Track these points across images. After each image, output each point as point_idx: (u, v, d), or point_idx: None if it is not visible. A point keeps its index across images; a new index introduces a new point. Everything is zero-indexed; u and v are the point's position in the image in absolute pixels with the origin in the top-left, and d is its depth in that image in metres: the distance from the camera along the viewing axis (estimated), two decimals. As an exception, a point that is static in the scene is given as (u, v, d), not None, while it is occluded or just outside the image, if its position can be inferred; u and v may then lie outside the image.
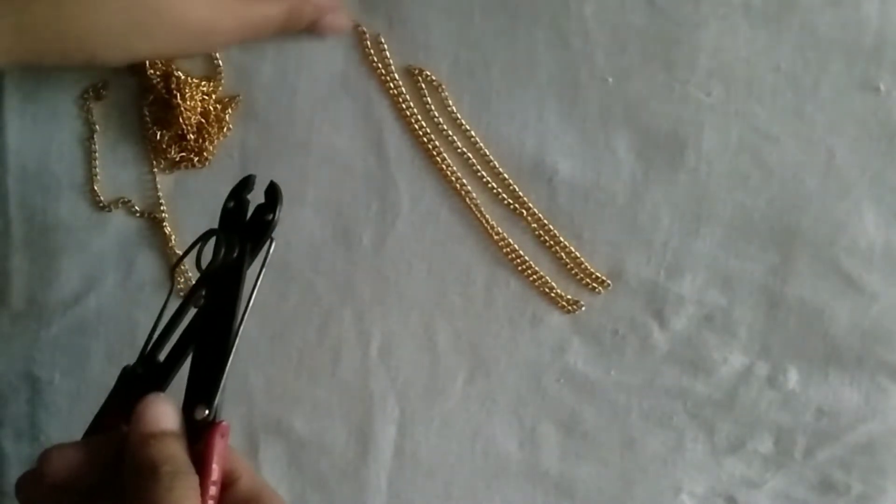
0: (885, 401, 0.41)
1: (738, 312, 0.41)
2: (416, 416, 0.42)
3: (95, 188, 0.41)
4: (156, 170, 0.41)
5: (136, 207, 0.41)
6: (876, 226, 0.40)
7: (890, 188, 0.40)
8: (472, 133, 0.41)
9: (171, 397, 0.30)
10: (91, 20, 0.32)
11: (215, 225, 0.33)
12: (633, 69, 0.40)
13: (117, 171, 0.41)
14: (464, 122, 0.41)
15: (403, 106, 0.41)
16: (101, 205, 0.41)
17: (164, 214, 0.41)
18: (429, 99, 0.41)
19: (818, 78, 0.39)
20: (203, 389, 0.30)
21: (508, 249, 0.41)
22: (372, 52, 0.40)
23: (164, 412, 0.29)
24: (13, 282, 0.41)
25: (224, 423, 0.29)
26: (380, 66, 0.40)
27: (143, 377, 0.32)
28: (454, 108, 0.41)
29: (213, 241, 0.32)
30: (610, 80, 0.40)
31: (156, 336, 0.33)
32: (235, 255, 0.32)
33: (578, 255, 0.41)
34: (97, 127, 0.41)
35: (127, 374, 0.33)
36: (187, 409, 0.29)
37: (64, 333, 0.41)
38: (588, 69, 0.40)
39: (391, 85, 0.40)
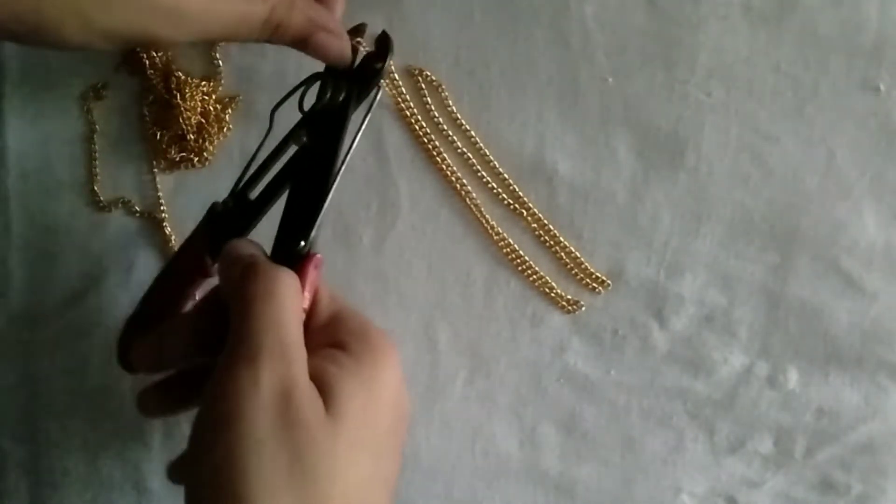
0: (885, 401, 0.41)
1: (738, 312, 0.41)
2: (415, 415, 0.42)
3: (95, 188, 0.41)
4: (156, 170, 0.41)
5: (136, 207, 0.41)
6: (876, 226, 0.40)
7: (890, 188, 0.40)
8: (472, 133, 0.41)
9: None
10: None
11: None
12: (634, 69, 0.40)
13: (117, 172, 0.41)
14: (464, 121, 0.41)
15: (403, 106, 0.41)
16: (101, 205, 0.41)
17: (164, 214, 0.41)
18: (428, 99, 0.41)
19: (818, 78, 0.39)
20: (299, 224, 0.30)
21: (508, 249, 0.41)
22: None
23: (251, 247, 0.31)
24: (13, 281, 0.41)
25: (318, 255, 0.30)
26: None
27: (232, 213, 0.32)
28: (454, 107, 0.41)
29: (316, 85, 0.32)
30: (610, 80, 0.40)
31: (249, 174, 0.33)
32: (342, 98, 0.32)
33: (578, 255, 0.41)
34: (97, 127, 0.41)
35: (216, 210, 0.33)
36: (282, 242, 0.30)
37: (63, 333, 0.41)
38: (588, 69, 0.40)
39: (391, 85, 0.40)
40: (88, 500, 0.42)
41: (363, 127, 0.32)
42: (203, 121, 0.40)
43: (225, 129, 0.41)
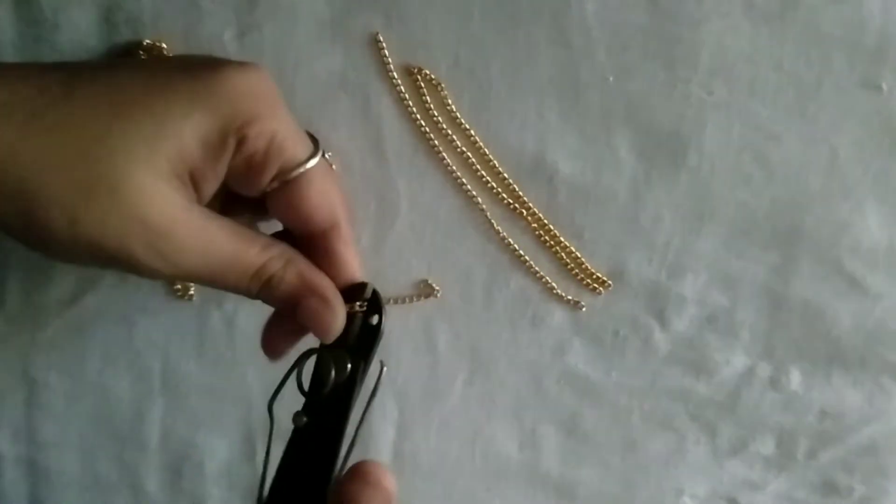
0: (888, 402, 0.41)
1: (740, 313, 0.41)
2: (415, 417, 0.42)
3: (92, 188, 0.40)
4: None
5: (134, 207, 0.41)
6: (879, 226, 0.40)
7: (894, 187, 0.40)
8: (472, 132, 0.40)
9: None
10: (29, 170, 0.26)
11: None
12: (635, 68, 0.39)
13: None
14: (463, 121, 0.40)
15: (402, 105, 0.40)
16: (98, 204, 0.41)
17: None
18: (428, 98, 0.40)
19: (821, 76, 0.39)
20: None
21: (508, 249, 0.41)
22: (370, 51, 0.40)
23: None
24: (9, 282, 0.41)
25: None
26: (378, 65, 0.40)
27: None
28: (454, 107, 0.40)
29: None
30: (611, 78, 0.40)
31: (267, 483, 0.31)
32: (346, 376, 0.30)
33: (579, 255, 0.41)
34: (94, 126, 0.40)
35: None
36: None
37: (60, 334, 0.41)
38: (589, 68, 0.40)
39: (390, 84, 0.40)
40: (85, 502, 0.42)
41: (369, 408, 0.30)
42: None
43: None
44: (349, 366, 0.31)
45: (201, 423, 0.42)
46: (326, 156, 0.31)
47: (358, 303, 0.32)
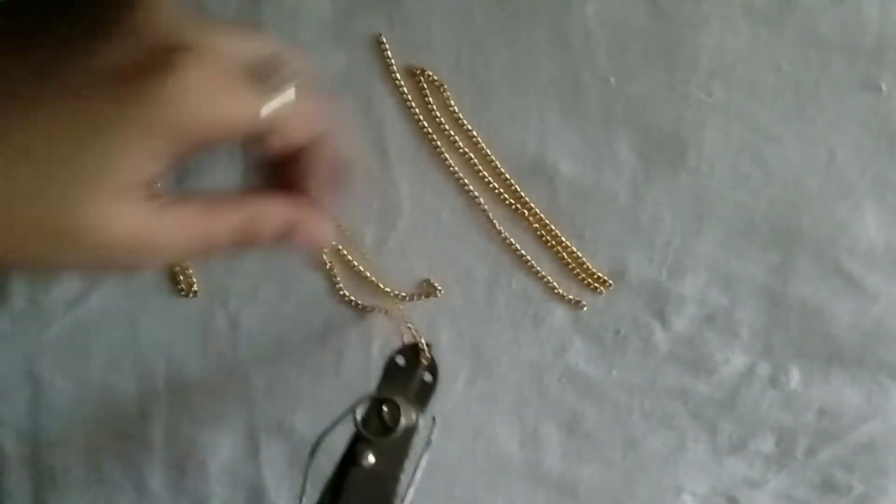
0: (886, 400, 0.41)
1: (739, 312, 0.41)
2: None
3: (97, 188, 0.41)
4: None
5: (138, 207, 0.41)
6: (877, 226, 0.40)
7: (891, 188, 0.40)
8: (474, 133, 0.41)
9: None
10: None
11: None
12: (635, 69, 0.40)
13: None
14: (465, 121, 0.41)
15: (405, 106, 0.41)
16: (103, 205, 0.41)
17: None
18: (430, 99, 0.41)
19: (819, 78, 0.39)
20: None
21: (510, 249, 0.41)
22: (373, 52, 0.40)
23: None
24: (14, 281, 0.41)
25: None
26: (381, 66, 0.40)
27: None
28: (455, 107, 0.41)
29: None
30: (611, 80, 0.40)
31: None
32: (404, 425, 0.32)
33: (580, 255, 0.41)
34: (98, 127, 0.41)
35: None
36: None
37: (65, 334, 0.41)
38: (589, 69, 0.40)
39: (392, 85, 0.40)
40: (89, 500, 0.42)
41: (424, 455, 0.32)
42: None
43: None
44: (413, 416, 0.33)
45: (205, 422, 0.42)
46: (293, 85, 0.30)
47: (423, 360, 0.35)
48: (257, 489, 0.42)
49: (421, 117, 0.41)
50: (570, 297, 0.41)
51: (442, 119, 0.41)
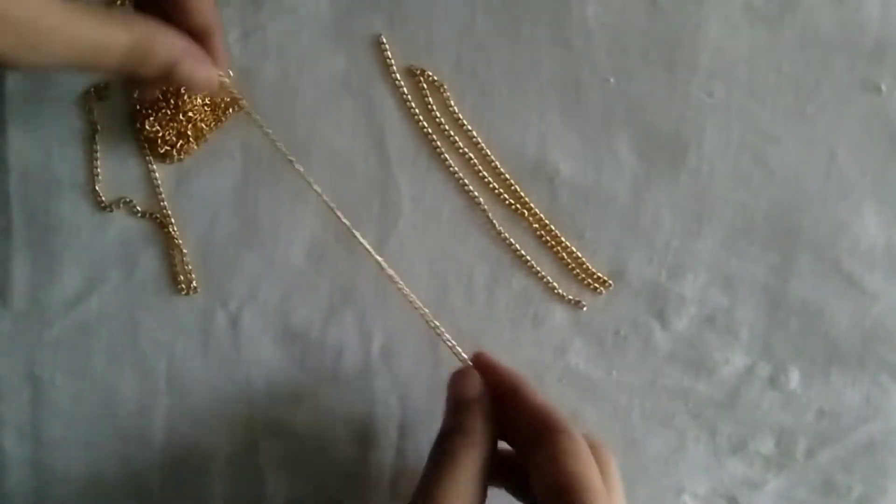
0: (886, 401, 0.41)
1: (739, 313, 0.41)
2: (417, 416, 0.42)
3: (97, 188, 0.41)
4: (157, 170, 0.41)
5: (138, 207, 0.41)
6: (877, 226, 0.40)
7: (891, 188, 0.40)
8: (474, 133, 0.41)
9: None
10: None
11: (216, 225, 0.33)
12: (635, 69, 0.40)
13: (119, 171, 0.41)
14: (465, 122, 0.41)
15: (405, 106, 0.41)
16: (103, 205, 0.41)
17: (166, 213, 0.41)
18: (430, 99, 0.41)
19: (819, 78, 0.39)
20: None
21: (510, 250, 0.41)
22: (373, 52, 0.40)
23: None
24: (14, 282, 0.41)
25: None
26: (381, 66, 0.40)
27: None
28: (456, 108, 0.41)
29: None
30: (611, 80, 0.40)
31: None
32: None
33: (580, 256, 0.41)
34: (99, 127, 0.41)
35: None
36: None
37: (66, 334, 0.41)
38: (590, 69, 0.40)
39: (392, 85, 0.40)
40: (90, 500, 0.42)
41: None
42: (203, 125, 0.40)
43: (226, 130, 0.41)
44: None
45: (205, 422, 0.42)
46: None
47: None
48: (257, 489, 0.42)
49: (421, 118, 0.41)
50: (570, 297, 0.41)
51: (442, 119, 0.41)
